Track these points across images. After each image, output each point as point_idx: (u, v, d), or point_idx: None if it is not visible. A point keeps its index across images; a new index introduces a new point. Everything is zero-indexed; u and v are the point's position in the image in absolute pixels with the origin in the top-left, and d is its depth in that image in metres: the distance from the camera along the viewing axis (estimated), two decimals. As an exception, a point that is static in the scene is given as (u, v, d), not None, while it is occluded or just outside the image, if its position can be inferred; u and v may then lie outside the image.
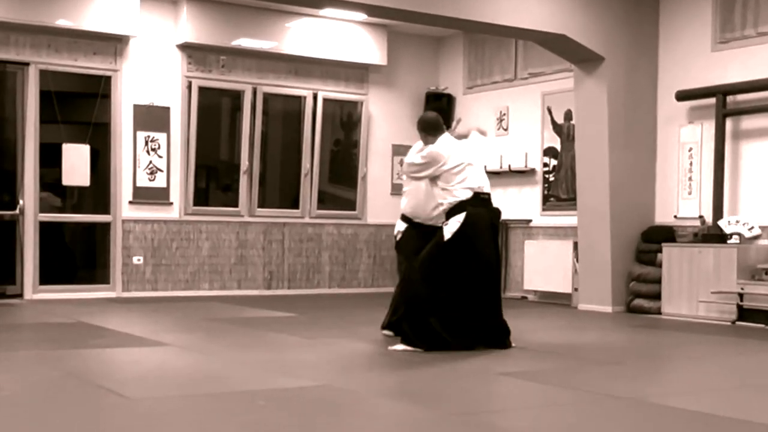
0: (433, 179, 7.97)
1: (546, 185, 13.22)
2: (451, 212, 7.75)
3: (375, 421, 5.11)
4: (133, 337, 8.37)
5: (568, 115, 12.78)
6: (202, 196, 13.34)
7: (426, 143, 8.12)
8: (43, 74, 12.08)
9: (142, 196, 12.64)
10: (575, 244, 12.23)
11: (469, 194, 7.77)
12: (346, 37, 13.77)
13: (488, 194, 7.98)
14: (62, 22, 11.86)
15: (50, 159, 12.04)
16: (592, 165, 11.68)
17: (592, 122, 11.65)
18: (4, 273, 12.01)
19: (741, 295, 10.26)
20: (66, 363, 6.83)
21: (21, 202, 11.92)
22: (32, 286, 12.02)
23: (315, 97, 13.91)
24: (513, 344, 7.94)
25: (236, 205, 13.40)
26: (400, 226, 8.54)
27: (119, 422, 4.92)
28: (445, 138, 8.07)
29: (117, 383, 6.01)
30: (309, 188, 13.81)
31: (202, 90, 13.12)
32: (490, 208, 7.96)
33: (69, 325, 9.35)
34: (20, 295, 11.95)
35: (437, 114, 8.29)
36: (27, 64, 11.98)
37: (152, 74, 12.75)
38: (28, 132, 11.96)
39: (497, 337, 7.88)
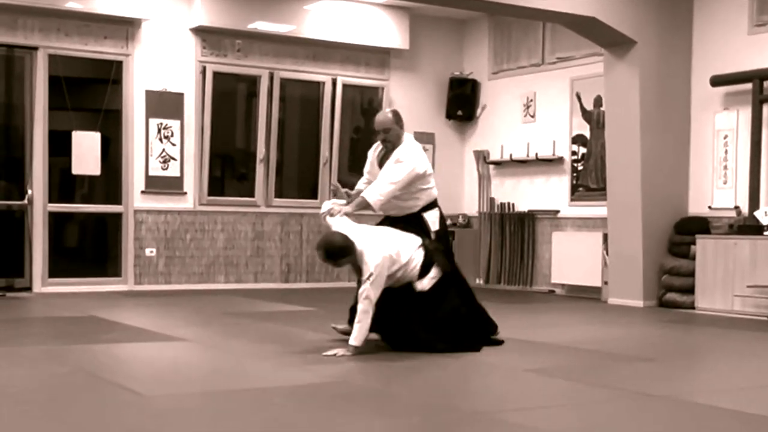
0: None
1: (574, 174, 13.20)
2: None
3: (395, 419, 5.12)
4: (146, 332, 8.41)
5: (598, 102, 12.75)
6: (217, 186, 13.36)
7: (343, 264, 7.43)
8: (53, 59, 12.12)
9: (155, 185, 12.68)
10: (605, 236, 12.21)
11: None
12: (367, 21, 13.76)
13: None
14: (72, 5, 11.89)
15: (60, 147, 12.08)
16: (622, 153, 11.65)
17: (622, 109, 11.62)
18: (12, 265, 12.06)
19: (778, 289, 10.25)
20: (77, 359, 6.87)
21: (29, 191, 11.97)
22: (41, 278, 12.08)
23: (334, 82, 13.92)
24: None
25: (252, 195, 13.42)
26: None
27: (132, 420, 4.95)
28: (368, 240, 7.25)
29: (130, 379, 6.04)
30: (328, 177, 13.81)
31: (217, 75, 13.14)
32: None
33: (79, 319, 9.39)
34: (29, 288, 12.00)
35: (339, 233, 7.18)
36: (35, 48, 12.02)
37: (165, 59, 12.77)
38: (37, 119, 12.01)
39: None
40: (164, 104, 12.72)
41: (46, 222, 12.13)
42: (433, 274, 7.35)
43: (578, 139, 13.16)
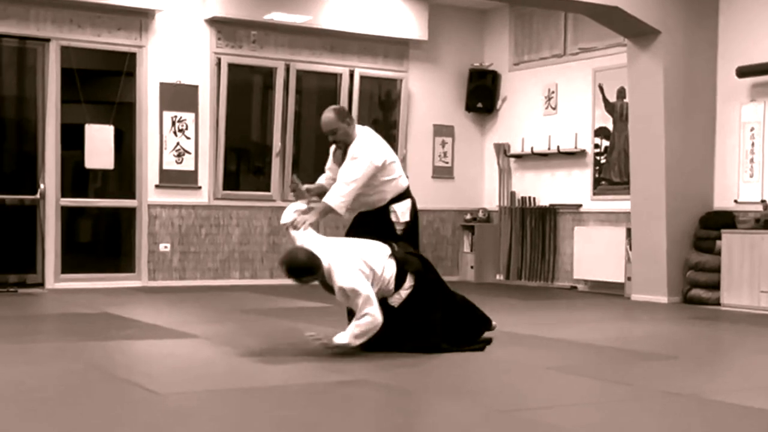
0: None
1: (597, 168, 13.17)
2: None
3: (416, 418, 5.12)
4: (160, 329, 8.43)
5: (621, 93, 12.72)
6: (232, 180, 13.38)
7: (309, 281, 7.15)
8: (65, 51, 12.15)
9: (169, 179, 12.71)
10: (628, 231, 12.18)
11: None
12: (385, 11, 13.75)
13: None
14: (85, -4, 11.95)
15: (72, 140, 12.11)
16: (646, 146, 11.62)
17: (646, 101, 11.59)
18: (24, 261, 12.11)
19: (806, 285, 10.21)
20: (90, 355, 6.89)
21: (42, 185, 12.01)
22: (54, 274, 12.12)
23: (351, 74, 13.93)
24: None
25: (268, 189, 13.44)
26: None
27: (146, 418, 4.96)
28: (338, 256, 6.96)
29: (143, 377, 6.06)
30: (345, 171, 13.80)
31: (232, 67, 13.15)
32: None
33: (93, 315, 9.43)
34: (41, 284, 12.04)
35: (304, 249, 6.86)
36: (48, 40, 12.05)
37: (179, 51, 12.79)
38: (49, 112, 12.05)
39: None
40: (178, 97, 12.75)
41: (59, 217, 12.17)
42: (408, 284, 7.10)
43: (601, 132, 13.13)
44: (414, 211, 7.68)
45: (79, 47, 12.25)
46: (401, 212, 7.57)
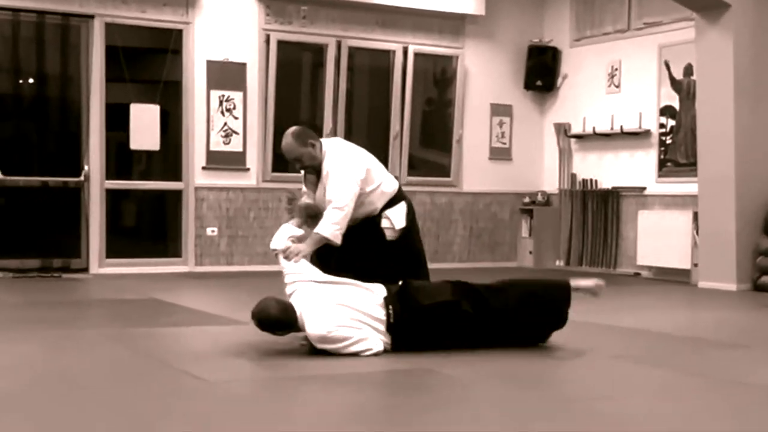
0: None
1: (662, 149, 13.09)
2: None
3: (479, 407, 5.11)
4: (208, 315, 8.49)
5: (689, 70, 12.63)
6: (281, 161, 13.40)
7: None
8: (109, 28, 12.23)
9: (217, 161, 12.76)
10: (695, 215, 12.10)
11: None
12: (440, -15, 13.74)
13: None
14: (129, -29, 12.02)
15: (117, 121, 12.20)
16: (714, 126, 11.53)
17: (715, 78, 11.50)
18: (68, 245, 12.22)
19: None
20: (137, 342, 6.96)
21: (86, 167, 12.11)
22: (98, 259, 12.22)
23: (405, 51, 13.91)
24: None
25: (319, 171, 13.45)
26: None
27: (196, 406, 4.99)
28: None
29: (192, 364, 6.10)
30: (398, 152, 13.82)
31: (282, 44, 13.18)
32: None
33: (139, 301, 9.52)
34: (86, 270, 12.15)
35: (275, 303, 6.56)
36: (92, 16, 12.13)
37: (227, 27, 12.83)
38: (93, 91, 12.13)
39: None
40: (226, 75, 12.79)
41: (103, 200, 12.26)
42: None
43: (666, 111, 13.05)
44: (410, 213, 7.36)
45: (123, 24, 12.31)
46: (395, 218, 7.24)
